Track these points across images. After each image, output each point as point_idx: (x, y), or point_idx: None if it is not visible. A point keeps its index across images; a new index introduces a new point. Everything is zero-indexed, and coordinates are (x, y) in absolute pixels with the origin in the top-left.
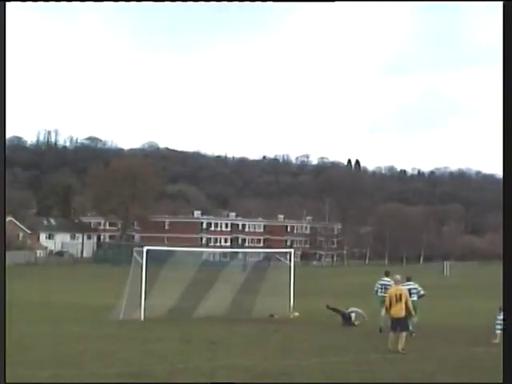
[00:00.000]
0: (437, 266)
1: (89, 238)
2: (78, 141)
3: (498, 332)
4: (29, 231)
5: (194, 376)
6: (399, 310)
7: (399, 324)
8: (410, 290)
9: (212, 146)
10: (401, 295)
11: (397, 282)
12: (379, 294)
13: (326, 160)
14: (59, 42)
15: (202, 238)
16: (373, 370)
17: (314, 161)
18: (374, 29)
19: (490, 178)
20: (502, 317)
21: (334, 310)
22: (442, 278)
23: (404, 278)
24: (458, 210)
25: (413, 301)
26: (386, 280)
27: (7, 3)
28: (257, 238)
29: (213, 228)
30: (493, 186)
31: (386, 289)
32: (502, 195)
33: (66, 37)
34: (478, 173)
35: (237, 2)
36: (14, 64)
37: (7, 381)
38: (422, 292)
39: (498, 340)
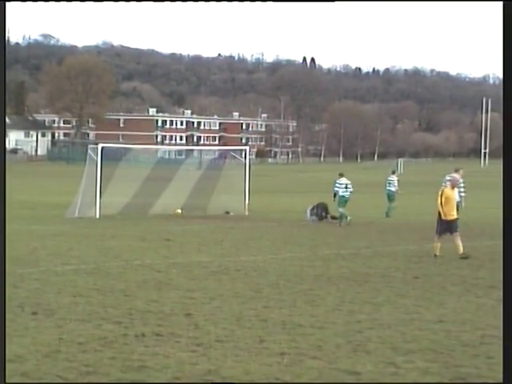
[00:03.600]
0: (391, 163)
1: (43, 135)
2: (31, 38)
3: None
4: None
5: (150, 272)
6: (452, 212)
7: (452, 226)
8: (346, 185)
9: (166, 43)
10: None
11: (455, 180)
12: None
13: (281, 58)
14: None
15: (157, 136)
16: (326, 266)
17: (269, 58)
18: None
19: (444, 76)
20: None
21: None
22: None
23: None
24: (412, 108)
25: (344, 195)
26: (393, 177)
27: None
28: (212, 135)
29: (168, 126)
30: (447, 84)
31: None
32: (455, 92)
33: None
34: (433, 70)
35: None
36: None
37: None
38: (352, 189)
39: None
